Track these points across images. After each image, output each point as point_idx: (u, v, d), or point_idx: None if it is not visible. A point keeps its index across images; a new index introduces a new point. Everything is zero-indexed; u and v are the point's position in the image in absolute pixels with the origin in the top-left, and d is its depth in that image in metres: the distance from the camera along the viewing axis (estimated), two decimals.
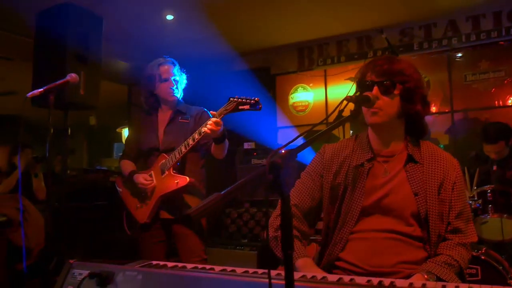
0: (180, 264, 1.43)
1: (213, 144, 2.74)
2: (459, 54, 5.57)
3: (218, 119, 2.54)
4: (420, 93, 1.67)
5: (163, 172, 2.78)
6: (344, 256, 1.70)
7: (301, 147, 1.19)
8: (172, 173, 2.74)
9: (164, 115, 2.96)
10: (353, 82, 1.82)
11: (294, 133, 6.41)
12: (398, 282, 1.34)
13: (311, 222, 1.84)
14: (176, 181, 2.71)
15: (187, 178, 2.69)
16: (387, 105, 1.64)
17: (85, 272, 1.27)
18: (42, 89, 2.38)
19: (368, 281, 1.32)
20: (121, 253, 4.49)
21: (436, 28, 5.66)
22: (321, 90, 6.38)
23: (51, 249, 3.38)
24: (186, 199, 2.81)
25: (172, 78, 2.91)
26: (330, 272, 1.71)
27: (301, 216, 1.80)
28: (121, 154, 3.14)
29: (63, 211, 3.65)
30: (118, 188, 3.05)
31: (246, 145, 5.30)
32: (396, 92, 1.64)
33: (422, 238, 1.65)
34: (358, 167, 1.74)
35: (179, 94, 2.96)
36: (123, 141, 9.27)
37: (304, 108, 6.47)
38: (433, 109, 5.54)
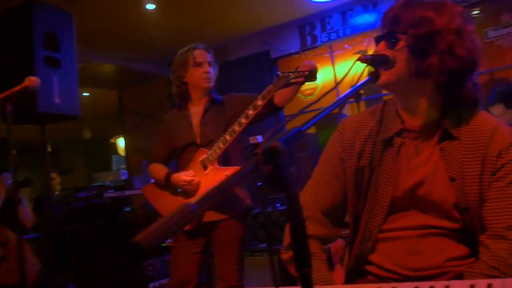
0: None
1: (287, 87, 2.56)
2: (476, 11, 5.25)
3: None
4: (445, 41, 1.31)
5: (205, 168, 2.69)
6: (375, 259, 1.43)
7: (307, 124, 0.94)
8: (217, 166, 2.65)
9: (197, 106, 2.87)
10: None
11: (304, 119, 6.15)
12: (454, 284, 1.10)
13: (336, 220, 1.54)
14: (225, 173, 2.59)
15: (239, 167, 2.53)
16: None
17: None
18: None
19: None
20: (126, 273, 4.31)
21: None
22: (329, 69, 6.10)
23: (49, 281, 3.20)
24: (236, 192, 2.73)
25: (208, 62, 2.84)
26: (360, 277, 1.46)
27: (320, 216, 1.50)
28: (121, 166, 3.02)
29: (57, 237, 3.47)
30: (148, 198, 2.95)
31: (252, 140, 5.04)
32: (401, 43, 1.35)
33: (466, 231, 1.37)
34: (385, 142, 1.45)
35: (212, 82, 2.86)
36: (120, 152, 9.12)
37: (312, 91, 6.22)
38: None
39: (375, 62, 1.37)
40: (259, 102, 2.54)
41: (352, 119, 1.57)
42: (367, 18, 5.76)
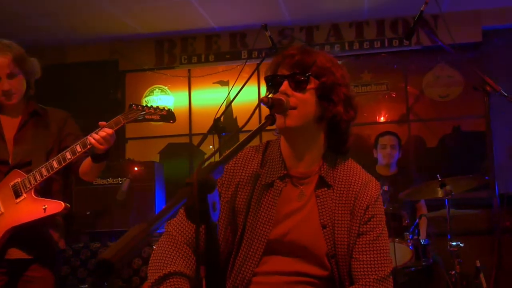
0: None
1: (89, 161, 2.57)
2: (340, 62, 6.01)
3: (113, 131, 2.45)
4: (343, 93, 1.62)
5: (18, 195, 2.54)
6: None
7: (227, 158, 1.09)
8: (34, 196, 2.52)
9: (11, 118, 2.70)
10: (228, 86, 1.72)
11: (147, 145, 6.22)
12: None
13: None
14: (43, 207, 2.49)
15: (62, 203, 2.51)
16: (301, 102, 1.58)
17: None
18: None
19: None
20: None
21: (318, 31, 6.03)
22: (184, 94, 6.33)
23: None
24: (50, 232, 2.64)
25: (6, 74, 2.56)
26: None
27: (189, 252, 1.62)
28: None
29: None
30: None
31: None
32: (310, 86, 1.60)
33: (334, 279, 1.64)
34: (267, 186, 1.66)
35: (16, 98, 2.64)
36: None
37: None
38: None
39: (272, 105, 1.57)
40: (90, 140, 2.47)
41: None
42: (233, 49, 6.13)
